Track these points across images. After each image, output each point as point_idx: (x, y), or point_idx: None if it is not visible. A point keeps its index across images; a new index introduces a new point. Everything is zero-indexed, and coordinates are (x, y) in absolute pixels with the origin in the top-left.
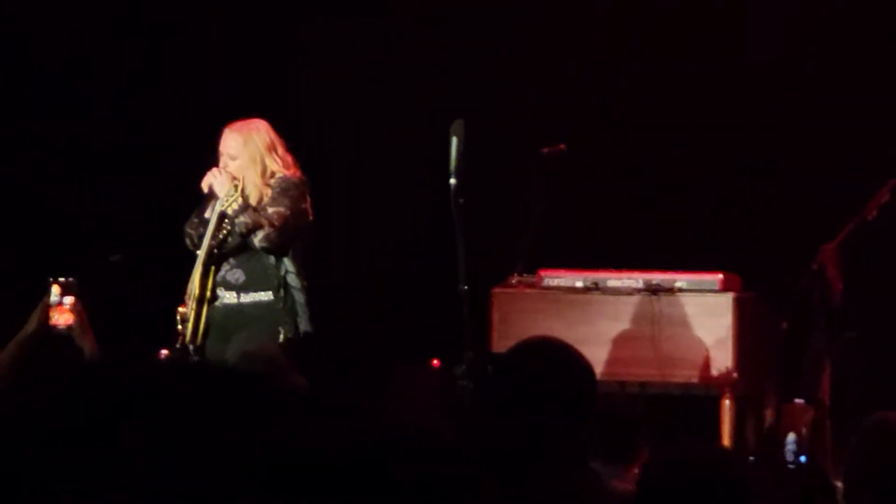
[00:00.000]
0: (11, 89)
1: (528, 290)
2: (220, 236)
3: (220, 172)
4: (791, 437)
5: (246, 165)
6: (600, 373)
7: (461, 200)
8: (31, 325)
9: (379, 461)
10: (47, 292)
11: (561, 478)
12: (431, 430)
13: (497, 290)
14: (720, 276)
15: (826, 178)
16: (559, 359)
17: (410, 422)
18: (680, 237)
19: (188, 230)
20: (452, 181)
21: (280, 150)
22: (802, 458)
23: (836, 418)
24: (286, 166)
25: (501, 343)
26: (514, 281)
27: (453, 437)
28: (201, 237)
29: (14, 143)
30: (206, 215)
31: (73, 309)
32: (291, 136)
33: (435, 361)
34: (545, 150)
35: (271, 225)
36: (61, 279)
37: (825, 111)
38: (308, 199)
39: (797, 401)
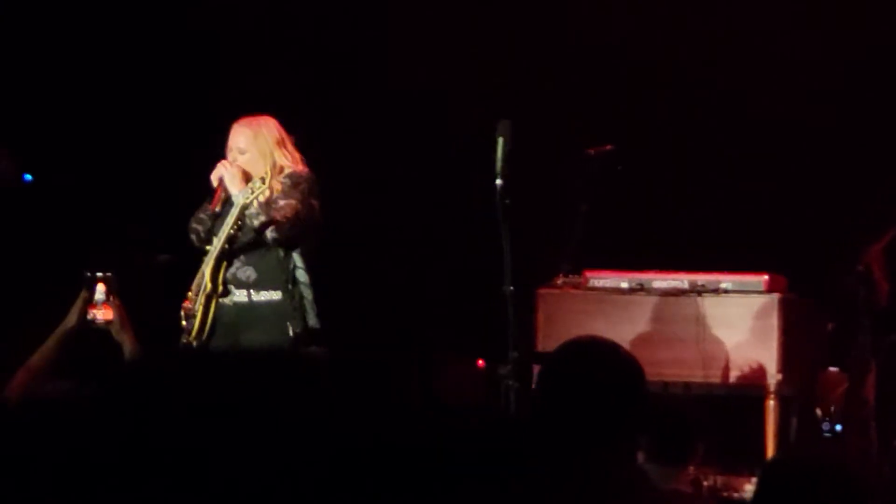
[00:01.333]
0: (51, 86)
1: (573, 291)
2: (232, 231)
3: (230, 165)
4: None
5: (255, 160)
6: (645, 373)
7: (507, 201)
8: (71, 320)
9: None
10: (87, 288)
11: (609, 477)
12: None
13: (542, 290)
14: (765, 276)
15: (872, 180)
16: (608, 358)
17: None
18: (725, 238)
19: (194, 225)
20: (498, 182)
21: (289, 145)
22: (838, 427)
23: (881, 419)
24: (294, 162)
25: (546, 343)
26: (559, 281)
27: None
28: (209, 232)
29: (56, 140)
30: (216, 209)
31: (113, 305)
32: (345, 134)
33: (480, 361)
34: (591, 150)
35: (283, 218)
36: (101, 275)
37: (870, 112)
38: (317, 194)
39: (831, 369)
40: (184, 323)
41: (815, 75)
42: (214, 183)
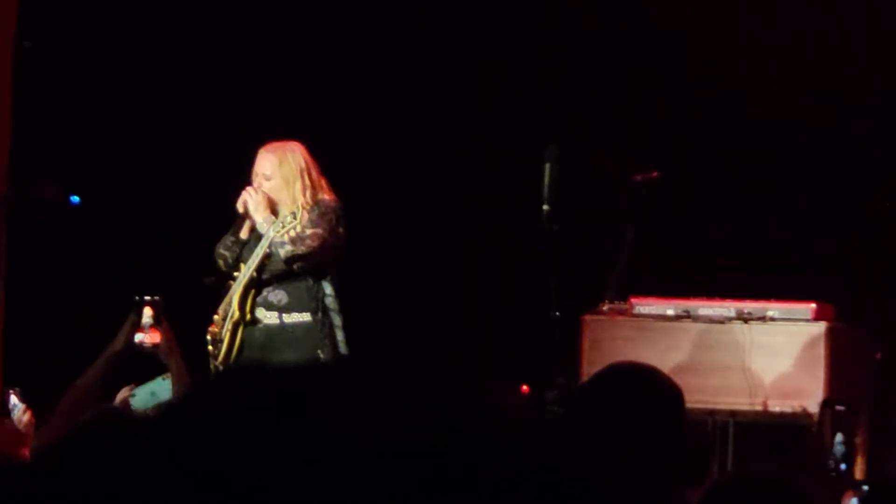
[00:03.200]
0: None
1: (618, 318)
2: (261, 261)
3: (255, 192)
4: (840, 437)
5: (280, 186)
6: (690, 400)
7: (554, 227)
8: (118, 343)
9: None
10: (135, 311)
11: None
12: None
13: (588, 316)
14: (813, 305)
15: None
16: (647, 382)
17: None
18: (773, 266)
19: (221, 251)
20: (545, 207)
21: (314, 172)
22: (843, 466)
23: None
24: (320, 189)
25: (591, 370)
26: (605, 308)
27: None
28: (237, 259)
29: (105, 163)
30: (242, 236)
31: (161, 328)
32: (392, 159)
33: (525, 387)
34: (638, 177)
35: (310, 249)
36: (148, 298)
37: None
38: (344, 222)
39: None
40: (210, 347)
41: (866, 103)
42: (240, 210)
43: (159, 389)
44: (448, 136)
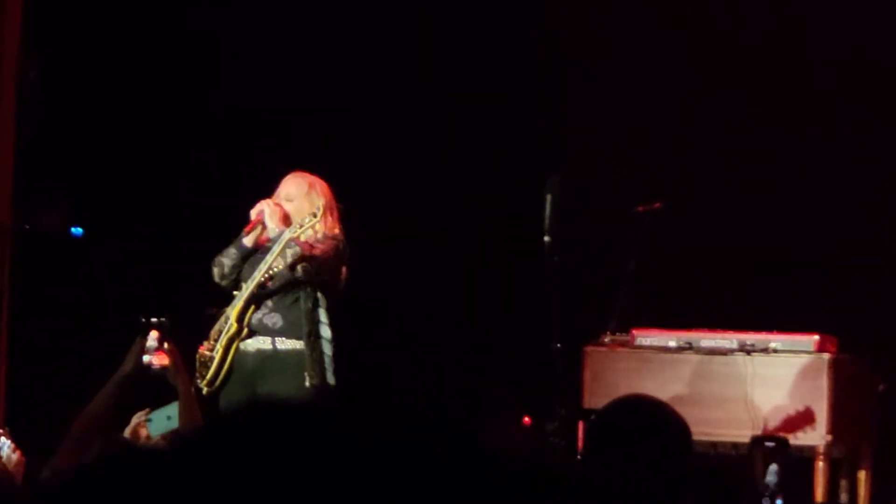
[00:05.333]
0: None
1: (620, 349)
2: (269, 272)
3: (271, 204)
4: (774, 467)
5: (301, 209)
6: (693, 433)
7: (555, 258)
8: (127, 365)
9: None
10: (142, 334)
11: None
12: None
13: (589, 348)
14: (816, 336)
15: None
16: (655, 416)
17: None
18: (775, 297)
19: (220, 258)
20: (547, 238)
21: (335, 213)
22: (778, 502)
23: None
24: (334, 229)
25: (593, 401)
26: (606, 339)
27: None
28: (235, 268)
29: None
30: (247, 243)
31: (168, 350)
32: (393, 189)
33: (526, 418)
34: (640, 208)
35: (320, 253)
36: (155, 320)
37: None
38: (347, 261)
39: None
40: (197, 369)
41: (867, 135)
42: (253, 216)
43: (175, 413)
44: (450, 166)
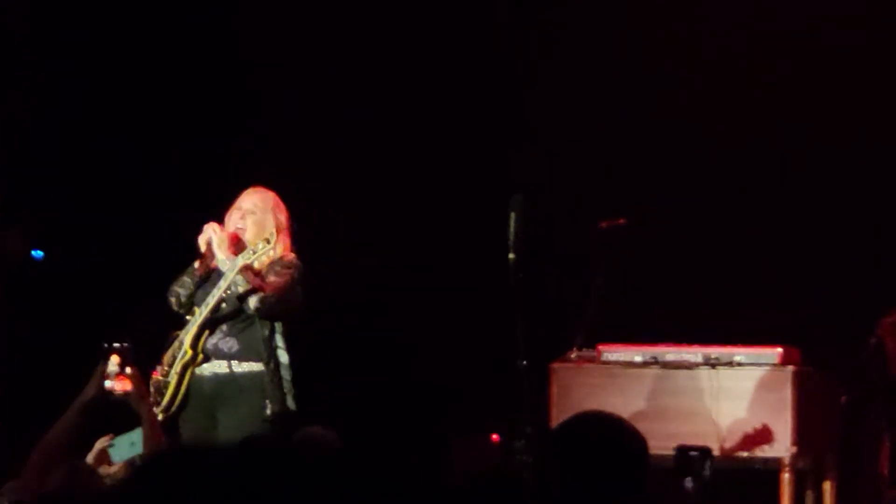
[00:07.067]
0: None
1: (586, 365)
2: (222, 297)
3: (219, 230)
4: (689, 481)
5: (260, 222)
6: (659, 446)
7: (520, 275)
8: (89, 391)
9: None
10: (104, 359)
11: None
12: None
13: (556, 364)
14: (779, 349)
15: (887, 252)
16: (611, 431)
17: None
18: (739, 310)
19: (175, 288)
20: (511, 256)
21: (289, 234)
22: None
23: None
24: (286, 248)
25: (560, 417)
26: (572, 355)
27: None
28: (190, 297)
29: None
30: (197, 273)
31: (130, 375)
32: (353, 208)
33: (494, 436)
34: (604, 224)
35: (271, 290)
36: (117, 345)
37: (886, 185)
38: (303, 283)
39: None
40: (152, 394)
41: (837, 146)
42: (202, 247)
43: (138, 439)
44: (413, 185)
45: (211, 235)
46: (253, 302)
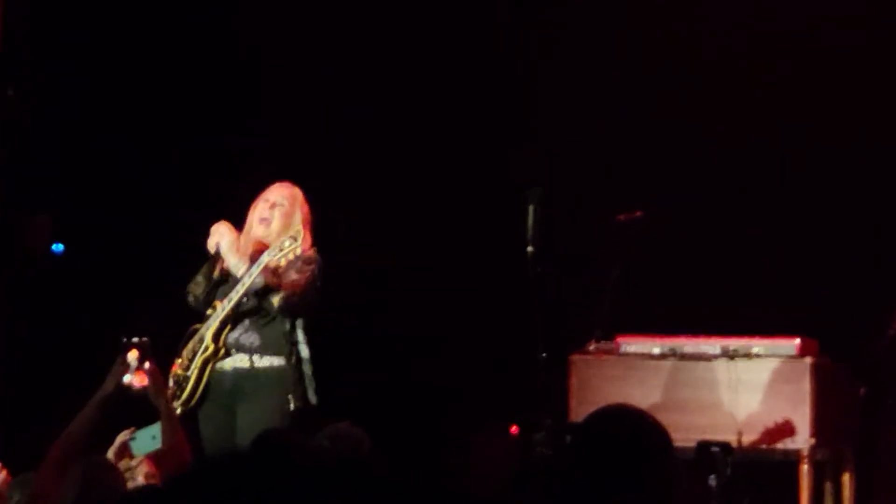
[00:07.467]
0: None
1: (605, 357)
2: (243, 294)
3: (227, 232)
4: (713, 478)
5: (288, 214)
6: (678, 439)
7: (538, 268)
8: (108, 385)
9: None
10: (123, 353)
11: None
12: None
13: (575, 356)
14: (797, 341)
15: None
16: (635, 425)
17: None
18: (757, 302)
19: (192, 287)
20: (530, 249)
21: (310, 227)
22: None
23: None
24: (307, 244)
25: (580, 409)
26: (591, 348)
27: None
28: (208, 297)
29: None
30: (215, 275)
31: (148, 371)
32: (373, 200)
33: (514, 428)
34: (622, 217)
35: (293, 287)
36: (135, 340)
37: None
38: (322, 278)
39: None
40: (171, 388)
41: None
42: (211, 250)
43: (159, 433)
44: (432, 178)
45: (219, 241)
46: (276, 300)
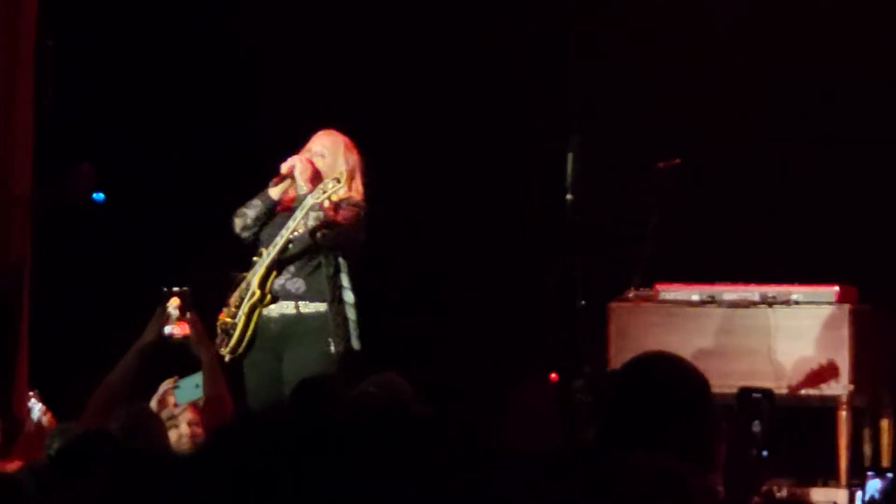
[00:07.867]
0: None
1: (644, 304)
2: (291, 235)
3: (303, 160)
4: (757, 424)
5: (331, 165)
6: (716, 385)
7: (578, 216)
8: (148, 335)
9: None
10: (163, 302)
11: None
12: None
13: (614, 304)
14: (836, 287)
15: None
16: (674, 372)
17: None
18: (796, 249)
19: (243, 209)
20: (569, 197)
21: (360, 176)
22: (764, 453)
23: None
24: (356, 191)
25: (619, 357)
26: (630, 295)
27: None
28: (258, 220)
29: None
30: (272, 195)
31: (189, 320)
32: (417, 152)
33: (553, 375)
34: (660, 164)
35: (343, 219)
36: (176, 289)
37: None
38: (366, 227)
39: None
40: (220, 337)
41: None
42: (284, 171)
43: (202, 382)
44: (471, 128)
45: (296, 163)
46: (320, 234)
